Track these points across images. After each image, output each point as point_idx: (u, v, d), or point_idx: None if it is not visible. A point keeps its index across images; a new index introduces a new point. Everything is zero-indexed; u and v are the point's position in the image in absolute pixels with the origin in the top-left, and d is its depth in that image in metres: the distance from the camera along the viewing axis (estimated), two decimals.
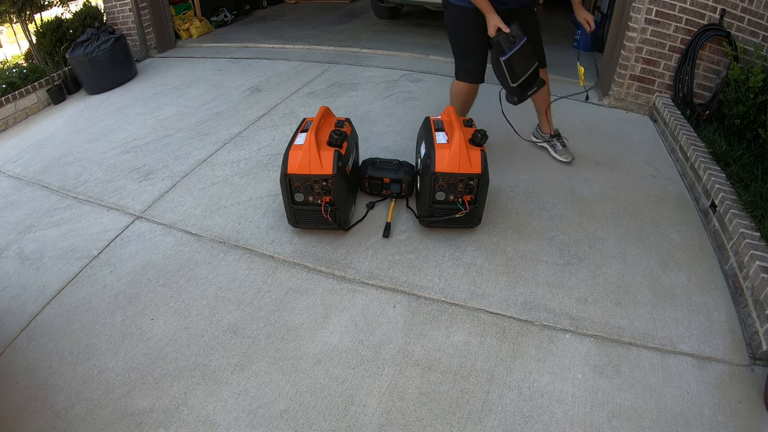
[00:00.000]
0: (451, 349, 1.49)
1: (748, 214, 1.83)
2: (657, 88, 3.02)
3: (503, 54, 1.87)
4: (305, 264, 1.81)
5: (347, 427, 1.28)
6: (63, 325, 1.58)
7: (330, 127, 1.92)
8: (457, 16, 2.03)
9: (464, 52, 2.13)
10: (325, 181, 1.77)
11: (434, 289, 1.70)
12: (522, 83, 1.95)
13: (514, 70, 1.92)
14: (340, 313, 1.61)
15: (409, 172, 2.09)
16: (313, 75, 3.58)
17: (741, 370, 1.46)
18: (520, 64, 1.92)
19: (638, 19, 2.85)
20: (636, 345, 1.52)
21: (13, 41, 5.80)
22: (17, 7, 3.67)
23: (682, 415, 1.32)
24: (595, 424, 1.29)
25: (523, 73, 1.94)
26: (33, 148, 2.78)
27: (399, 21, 5.42)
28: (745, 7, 2.67)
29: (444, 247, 1.88)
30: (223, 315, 1.61)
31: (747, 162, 2.14)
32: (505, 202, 2.14)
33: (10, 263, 1.86)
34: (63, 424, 1.29)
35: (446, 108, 2.04)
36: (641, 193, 2.25)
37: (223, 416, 1.30)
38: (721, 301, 1.69)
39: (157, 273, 1.78)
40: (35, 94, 3.40)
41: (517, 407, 1.33)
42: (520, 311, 1.62)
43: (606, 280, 1.76)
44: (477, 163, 1.73)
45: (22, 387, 1.39)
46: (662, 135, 2.81)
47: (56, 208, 2.18)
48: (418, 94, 3.21)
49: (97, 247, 1.92)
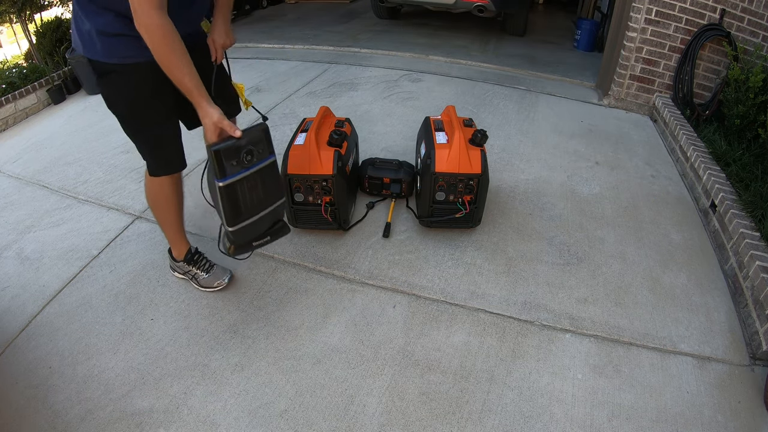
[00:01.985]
0: (451, 349, 1.49)
1: (748, 214, 1.83)
2: (657, 88, 3.02)
3: (222, 177, 1.16)
4: (305, 264, 1.81)
5: (347, 427, 1.28)
6: (63, 325, 1.58)
7: (330, 127, 1.92)
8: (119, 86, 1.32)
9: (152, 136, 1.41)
10: (325, 181, 1.77)
11: (434, 289, 1.70)
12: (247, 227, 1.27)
13: (238, 206, 1.22)
14: (340, 313, 1.60)
15: (409, 172, 2.09)
16: (313, 75, 3.58)
17: (741, 370, 1.46)
18: (250, 197, 1.24)
19: (638, 19, 2.85)
20: (636, 345, 1.52)
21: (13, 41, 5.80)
22: (17, 7, 3.67)
23: (682, 415, 1.32)
24: (595, 424, 1.29)
25: (251, 213, 1.25)
26: (33, 148, 2.77)
27: (399, 21, 5.42)
28: (745, 7, 2.67)
29: (444, 247, 1.88)
30: (223, 315, 1.61)
31: (747, 162, 2.14)
32: (505, 202, 2.14)
33: (10, 263, 1.86)
34: (63, 424, 1.29)
35: (446, 108, 2.04)
36: (641, 193, 2.25)
37: (223, 416, 1.30)
38: (721, 301, 1.69)
39: (157, 273, 1.78)
40: (35, 94, 3.40)
41: (517, 407, 1.33)
42: (520, 311, 1.62)
43: (606, 280, 1.76)
44: (477, 163, 1.73)
45: (22, 387, 1.39)
46: (662, 135, 2.81)
47: (56, 208, 2.17)
48: (418, 94, 3.21)
49: (97, 247, 1.92)
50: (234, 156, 1.16)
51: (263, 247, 1.40)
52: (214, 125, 1.21)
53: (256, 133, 1.20)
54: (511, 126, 2.81)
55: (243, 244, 1.30)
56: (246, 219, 1.25)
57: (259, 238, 1.33)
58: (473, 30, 4.99)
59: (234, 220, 1.23)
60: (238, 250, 1.32)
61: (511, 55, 4.14)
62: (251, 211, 1.25)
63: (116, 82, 1.31)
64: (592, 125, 2.89)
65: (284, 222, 1.38)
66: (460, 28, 5.04)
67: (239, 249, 1.32)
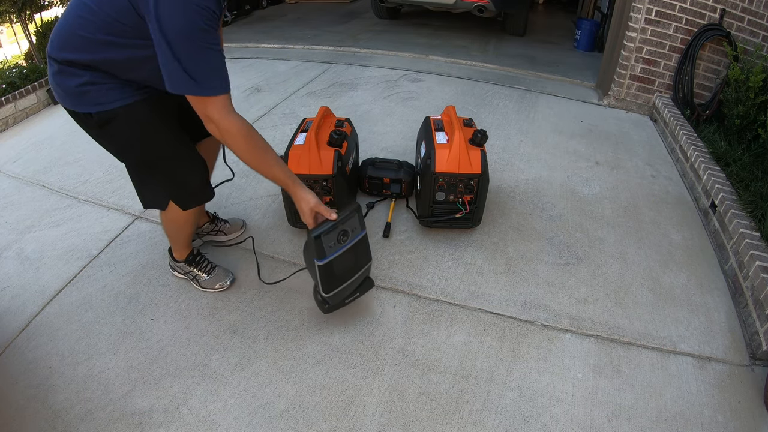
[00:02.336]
0: (451, 349, 1.49)
1: (748, 214, 1.83)
2: (657, 88, 3.02)
3: (321, 258, 1.28)
4: (305, 264, 1.80)
5: (347, 427, 1.28)
6: (63, 325, 1.58)
7: (330, 127, 1.91)
8: (126, 128, 1.29)
9: (175, 164, 1.38)
10: (325, 181, 1.77)
11: (434, 289, 1.70)
12: (341, 291, 1.40)
13: (334, 277, 1.34)
14: (340, 313, 1.60)
15: (409, 172, 2.09)
16: (313, 75, 3.58)
17: (741, 370, 1.46)
18: (344, 266, 1.35)
19: (638, 19, 2.85)
20: (636, 345, 1.52)
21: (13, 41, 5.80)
22: (17, 7, 3.67)
23: (682, 415, 1.32)
24: (595, 424, 1.29)
25: (345, 280, 1.37)
26: (33, 148, 2.77)
27: (399, 21, 5.43)
28: (745, 7, 2.68)
29: (444, 247, 1.88)
30: (223, 315, 1.61)
31: (747, 162, 2.14)
32: (505, 202, 2.14)
33: (10, 263, 1.86)
34: (63, 424, 1.29)
35: (446, 108, 2.04)
36: (641, 193, 2.25)
37: (223, 416, 1.30)
38: (721, 301, 1.69)
39: (157, 273, 1.78)
40: (35, 94, 3.40)
41: (517, 407, 1.33)
42: (520, 311, 1.62)
43: (606, 280, 1.76)
44: (477, 163, 1.73)
45: (22, 387, 1.39)
46: (662, 135, 2.81)
47: (56, 208, 2.17)
48: (418, 94, 3.21)
49: (97, 247, 1.92)
50: (332, 239, 1.28)
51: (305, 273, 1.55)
52: (310, 210, 1.30)
53: (350, 214, 1.31)
54: (511, 126, 2.81)
55: (336, 304, 1.45)
56: (340, 285, 1.37)
57: (350, 296, 1.47)
58: (473, 30, 4.99)
59: (330, 288, 1.35)
60: (331, 309, 1.46)
61: (511, 55, 4.14)
62: (344, 277, 1.37)
63: (121, 126, 1.29)
64: (592, 125, 2.89)
65: (369, 277, 1.52)
66: (460, 28, 5.04)
67: (333, 308, 1.46)
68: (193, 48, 1.09)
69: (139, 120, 1.30)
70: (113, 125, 1.27)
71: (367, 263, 1.44)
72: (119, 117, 1.26)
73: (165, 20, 1.06)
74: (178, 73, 1.11)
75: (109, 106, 1.25)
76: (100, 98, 1.23)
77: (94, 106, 1.24)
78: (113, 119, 1.26)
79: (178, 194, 1.43)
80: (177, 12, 1.05)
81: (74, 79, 1.22)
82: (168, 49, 1.08)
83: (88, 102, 1.24)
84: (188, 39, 1.08)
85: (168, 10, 1.05)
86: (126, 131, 1.30)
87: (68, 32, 1.20)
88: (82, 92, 1.23)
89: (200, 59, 1.11)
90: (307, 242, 1.30)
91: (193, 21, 1.06)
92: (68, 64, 1.21)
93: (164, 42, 1.08)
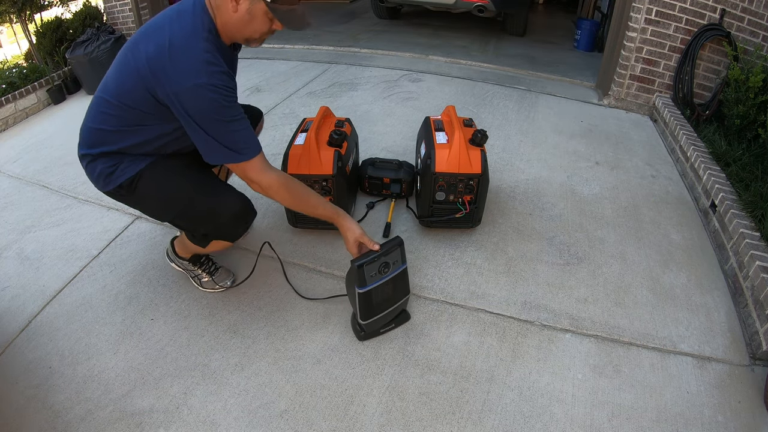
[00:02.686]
0: (451, 349, 1.49)
1: (748, 214, 1.83)
2: (657, 88, 3.02)
3: (362, 286, 1.33)
4: (305, 264, 1.81)
5: (347, 427, 1.28)
6: (63, 325, 1.58)
7: (330, 127, 1.91)
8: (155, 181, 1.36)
9: (209, 195, 1.39)
10: (325, 181, 1.77)
11: (434, 289, 1.70)
12: (377, 320, 1.45)
13: (372, 306, 1.39)
14: (340, 313, 1.60)
15: (409, 172, 2.09)
16: (313, 75, 3.58)
17: (741, 370, 1.46)
18: (383, 296, 1.39)
19: (638, 19, 2.85)
20: (636, 345, 1.52)
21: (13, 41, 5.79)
22: (17, 7, 3.67)
23: (682, 415, 1.32)
24: (595, 424, 1.29)
25: (382, 309, 1.42)
26: (33, 148, 2.77)
27: (399, 21, 5.43)
28: (745, 7, 2.68)
29: (444, 247, 1.88)
30: (223, 315, 1.61)
31: (747, 162, 2.14)
32: (505, 202, 2.14)
33: (10, 263, 1.86)
34: (63, 424, 1.29)
35: (446, 108, 2.04)
36: (641, 193, 2.25)
37: (223, 416, 1.30)
38: (721, 301, 1.69)
39: (157, 273, 1.78)
40: (35, 94, 3.40)
41: (517, 407, 1.33)
42: (520, 311, 1.62)
43: (606, 280, 1.76)
44: (477, 163, 1.73)
45: (22, 387, 1.39)
46: (662, 135, 2.82)
47: (56, 208, 2.17)
48: (418, 94, 3.21)
49: (97, 247, 1.92)
50: (373, 269, 1.33)
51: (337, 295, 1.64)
52: (355, 240, 1.36)
53: (393, 247, 1.35)
54: (511, 126, 2.81)
55: (371, 332, 1.51)
56: (377, 314, 1.43)
57: (386, 326, 1.53)
58: (473, 30, 5.00)
59: (367, 316, 1.41)
60: (367, 336, 1.51)
61: (511, 55, 4.14)
62: (382, 307, 1.42)
63: (148, 183, 1.36)
64: (592, 125, 2.89)
65: (406, 311, 1.58)
66: (460, 28, 5.04)
67: (368, 336, 1.52)
68: (221, 125, 1.19)
69: (163, 170, 1.37)
70: (142, 185, 1.35)
71: (406, 296, 1.49)
72: (144, 176, 1.35)
73: (190, 107, 1.15)
74: (213, 147, 1.21)
75: (134, 171, 1.34)
76: (125, 170, 1.34)
77: (121, 178, 1.34)
78: (140, 179, 1.35)
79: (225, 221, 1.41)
80: (198, 98, 1.14)
81: (103, 165, 1.34)
82: (199, 129, 1.18)
83: (117, 178, 1.34)
84: (215, 120, 1.17)
85: (190, 99, 1.15)
86: (154, 185, 1.37)
87: (95, 129, 1.32)
88: (111, 172, 1.34)
89: (230, 132, 1.20)
90: (350, 270, 1.36)
91: (215, 102, 1.15)
92: (101, 155, 1.33)
93: (193, 124, 1.18)
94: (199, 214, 1.40)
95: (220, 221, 1.40)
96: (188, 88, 1.13)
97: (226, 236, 1.47)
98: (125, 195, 1.39)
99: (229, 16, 1.20)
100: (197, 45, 1.15)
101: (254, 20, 1.22)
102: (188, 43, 1.15)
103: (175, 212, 1.43)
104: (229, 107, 1.19)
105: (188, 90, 1.13)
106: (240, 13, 1.19)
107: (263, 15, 1.21)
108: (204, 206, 1.39)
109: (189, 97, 1.14)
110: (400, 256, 1.39)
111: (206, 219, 1.41)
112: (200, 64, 1.14)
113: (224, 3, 1.19)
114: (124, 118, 1.26)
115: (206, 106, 1.15)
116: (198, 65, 1.13)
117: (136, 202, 1.43)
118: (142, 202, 1.43)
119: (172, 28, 1.18)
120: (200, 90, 1.13)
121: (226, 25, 1.23)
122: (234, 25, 1.23)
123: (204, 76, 1.13)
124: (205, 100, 1.14)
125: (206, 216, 1.40)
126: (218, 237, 1.47)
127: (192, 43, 1.15)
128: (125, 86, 1.23)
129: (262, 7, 1.19)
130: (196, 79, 1.13)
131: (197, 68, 1.13)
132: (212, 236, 1.47)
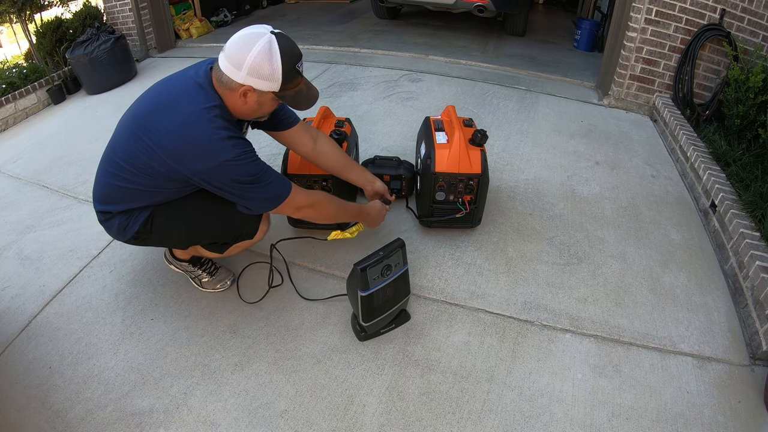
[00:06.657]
0: (451, 349, 1.49)
1: (748, 214, 1.83)
2: (657, 88, 3.02)
3: (364, 289, 1.34)
4: (305, 264, 1.81)
5: (347, 427, 1.28)
6: (63, 325, 1.58)
7: (330, 127, 1.91)
8: (164, 219, 1.38)
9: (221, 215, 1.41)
10: (325, 181, 1.77)
11: (434, 289, 1.70)
12: (379, 321, 1.46)
13: (374, 308, 1.40)
14: (340, 313, 1.60)
15: (409, 169, 2.08)
16: (313, 75, 3.58)
17: (741, 370, 1.46)
18: (384, 298, 1.41)
19: (638, 19, 2.85)
20: (636, 345, 1.52)
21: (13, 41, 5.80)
22: (17, 7, 3.67)
23: (682, 415, 1.32)
24: (595, 424, 1.29)
25: (384, 311, 1.44)
26: (33, 148, 2.77)
27: (399, 21, 5.42)
28: (745, 7, 2.68)
29: (444, 247, 1.88)
30: (223, 315, 1.61)
31: (747, 162, 2.14)
32: (505, 202, 2.14)
33: (10, 263, 1.86)
34: (63, 424, 1.29)
35: (446, 108, 2.04)
36: (641, 193, 2.25)
37: (223, 416, 1.30)
38: (721, 301, 1.69)
39: (158, 273, 1.78)
40: (35, 94, 3.40)
41: (517, 407, 1.33)
42: (520, 311, 1.62)
43: (606, 280, 1.76)
44: (477, 163, 1.73)
45: (22, 387, 1.39)
46: (662, 135, 2.81)
47: (56, 208, 2.17)
48: (418, 94, 3.21)
49: (97, 246, 1.92)
50: (376, 272, 1.34)
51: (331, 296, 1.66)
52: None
53: (395, 249, 1.37)
54: (511, 126, 2.81)
55: (372, 333, 1.52)
56: (379, 316, 1.44)
57: (386, 327, 1.54)
58: (473, 30, 4.99)
59: (369, 318, 1.42)
60: (367, 337, 1.52)
61: (511, 55, 4.14)
62: (383, 308, 1.44)
63: (160, 219, 1.38)
64: (592, 125, 2.89)
65: (406, 311, 1.59)
66: (460, 28, 5.04)
67: (368, 337, 1.52)
68: (256, 186, 1.25)
69: (170, 205, 1.38)
70: (155, 224, 1.38)
71: (406, 296, 1.51)
72: (155, 215, 1.37)
73: (223, 182, 1.22)
74: (258, 205, 1.31)
75: (145, 216, 1.36)
76: (138, 218, 1.36)
77: (135, 225, 1.37)
78: (153, 220, 1.37)
79: (243, 232, 1.48)
80: (230, 171, 1.20)
81: (119, 220, 1.37)
82: (233, 194, 1.25)
83: (132, 226, 1.37)
84: (250, 183, 1.23)
85: (221, 175, 1.20)
86: (165, 220, 1.38)
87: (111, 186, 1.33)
88: (126, 224, 1.37)
89: (266, 185, 1.27)
90: (352, 272, 1.36)
91: (245, 168, 1.21)
92: (120, 213, 1.36)
93: (227, 192, 1.24)
94: (224, 228, 1.44)
95: (250, 227, 1.47)
96: (215, 167, 1.18)
97: (248, 234, 1.50)
98: (146, 238, 1.40)
99: (239, 107, 1.25)
100: (215, 123, 1.18)
101: (263, 107, 1.28)
102: (204, 123, 1.18)
103: (201, 234, 1.46)
104: (255, 165, 1.24)
105: (216, 168, 1.18)
106: (249, 104, 1.24)
107: (271, 101, 1.27)
108: (228, 219, 1.41)
109: (220, 173, 1.20)
110: (402, 258, 1.40)
111: (231, 229, 1.45)
112: (222, 142, 1.17)
113: (232, 96, 1.22)
114: (140, 183, 1.28)
115: (238, 176, 1.21)
116: (220, 143, 1.17)
117: (160, 239, 1.44)
118: (167, 238, 1.46)
119: (183, 108, 1.19)
120: (229, 164, 1.18)
121: (235, 111, 1.27)
122: (244, 113, 1.29)
123: (230, 151, 1.18)
124: (236, 172, 1.20)
125: (232, 227, 1.44)
126: (241, 238, 1.50)
127: (208, 123, 1.18)
128: (139, 160, 1.24)
129: (270, 95, 1.24)
130: (222, 156, 1.17)
131: (221, 146, 1.17)
132: (233, 241, 1.50)
